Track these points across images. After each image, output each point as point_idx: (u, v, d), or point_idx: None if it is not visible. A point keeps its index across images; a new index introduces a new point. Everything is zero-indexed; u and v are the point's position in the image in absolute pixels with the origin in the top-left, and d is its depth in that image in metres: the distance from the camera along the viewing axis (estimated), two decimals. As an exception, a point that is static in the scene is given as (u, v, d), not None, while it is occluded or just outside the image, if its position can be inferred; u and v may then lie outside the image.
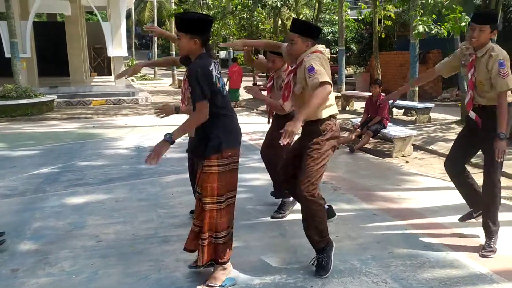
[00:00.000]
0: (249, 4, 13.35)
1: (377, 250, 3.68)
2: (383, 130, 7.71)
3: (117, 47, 15.46)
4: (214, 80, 2.95)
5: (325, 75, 3.09)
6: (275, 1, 11.88)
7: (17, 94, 12.47)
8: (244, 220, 4.40)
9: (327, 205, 3.94)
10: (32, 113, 12.51)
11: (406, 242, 3.84)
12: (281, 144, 2.94)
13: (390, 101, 5.08)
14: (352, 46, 24.67)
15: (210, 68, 2.94)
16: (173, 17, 21.72)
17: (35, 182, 5.83)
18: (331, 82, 3.12)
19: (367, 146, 8.24)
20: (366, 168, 6.46)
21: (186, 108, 3.85)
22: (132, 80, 22.85)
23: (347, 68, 26.78)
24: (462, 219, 4.06)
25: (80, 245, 3.87)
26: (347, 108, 12.58)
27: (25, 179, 5.96)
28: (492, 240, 3.62)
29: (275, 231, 4.13)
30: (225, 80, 18.03)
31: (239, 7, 14.36)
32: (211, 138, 2.97)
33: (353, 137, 7.86)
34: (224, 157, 3.00)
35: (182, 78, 4.62)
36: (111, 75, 17.45)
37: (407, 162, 7.17)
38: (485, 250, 3.58)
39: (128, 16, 37.05)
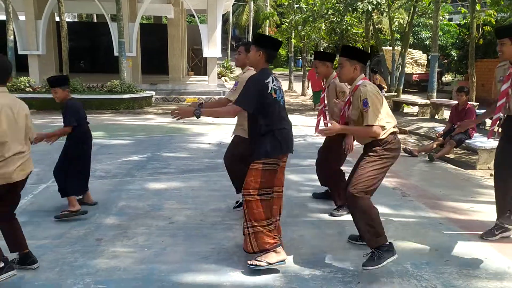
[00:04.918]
0: (340, 8, 13.34)
1: (433, 257, 3.66)
2: (468, 140, 7.36)
3: (212, 48, 16.33)
4: (269, 91, 3.31)
5: (374, 117, 3.32)
6: (366, 5, 11.75)
7: (122, 89, 13.76)
8: (306, 217, 4.57)
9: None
10: (133, 107, 13.76)
11: (467, 252, 3.75)
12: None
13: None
14: (452, 52, 23.44)
15: (267, 81, 3.33)
16: (267, 20, 22.36)
17: (126, 167, 6.52)
18: (380, 119, 3.33)
19: (451, 156, 7.92)
20: (441, 177, 6.25)
21: (208, 111, 3.44)
22: (226, 81, 23.83)
23: (446, 76, 25.45)
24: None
25: (155, 224, 4.33)
26: (436, 117, 12.05)
27: (118, 164, 6.68)
28: None
29: (333, 229, 4.25)
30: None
31: (330, 11, 14.42)
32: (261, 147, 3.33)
33: (435, 145, 7.58)
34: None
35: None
36: (206, 74, 18.40)
37: (491, 175, 6.78)
38: None
39: (227, 19, 38.66)
